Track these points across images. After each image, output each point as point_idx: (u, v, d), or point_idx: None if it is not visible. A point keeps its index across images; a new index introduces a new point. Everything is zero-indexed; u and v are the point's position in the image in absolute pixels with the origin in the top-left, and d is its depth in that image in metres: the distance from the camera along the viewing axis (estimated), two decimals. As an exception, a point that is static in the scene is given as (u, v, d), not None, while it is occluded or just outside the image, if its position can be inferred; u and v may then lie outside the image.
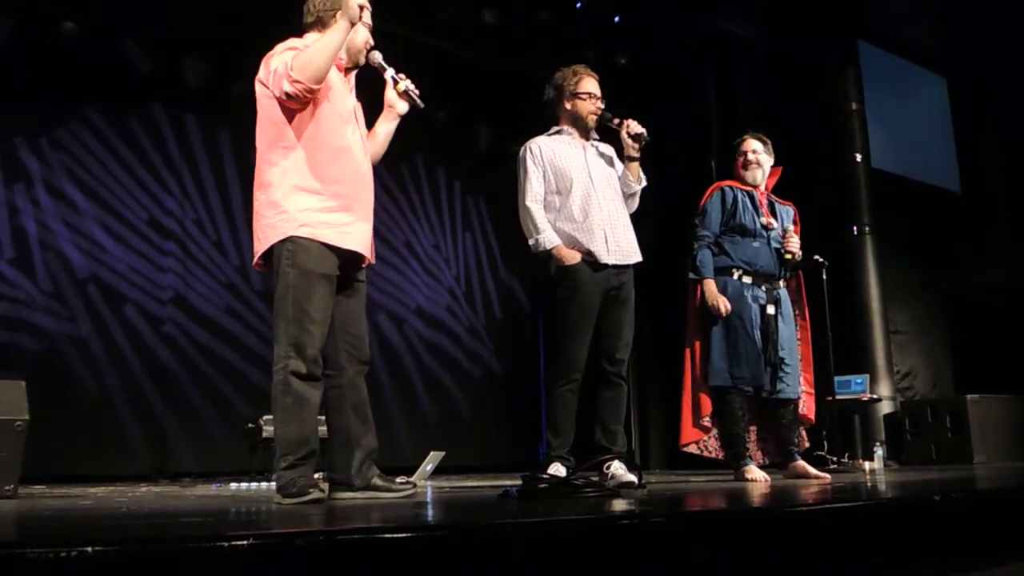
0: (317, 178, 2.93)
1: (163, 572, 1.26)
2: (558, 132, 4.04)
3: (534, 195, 3.88)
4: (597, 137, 4.10)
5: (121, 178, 6.76)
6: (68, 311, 6.38)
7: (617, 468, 3.68)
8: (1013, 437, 6.86)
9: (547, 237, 3.81)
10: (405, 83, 3.17)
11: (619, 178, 4.04)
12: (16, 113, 6.35)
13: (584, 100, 4.00)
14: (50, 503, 3.24)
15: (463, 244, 8.54)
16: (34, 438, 3.72)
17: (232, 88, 6.74)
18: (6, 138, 6.35)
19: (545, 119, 4.17)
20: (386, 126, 3.26)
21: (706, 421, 4.45)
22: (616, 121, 3.97)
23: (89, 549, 1.23)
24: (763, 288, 4.38)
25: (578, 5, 7.58)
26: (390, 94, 3.21)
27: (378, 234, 7.85)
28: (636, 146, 3.96)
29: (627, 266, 3.91)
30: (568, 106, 4.03)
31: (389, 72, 3.18)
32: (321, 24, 3.07)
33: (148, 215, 6.81)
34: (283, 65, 2.83)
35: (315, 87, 2.84)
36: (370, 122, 3.31)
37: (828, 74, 7.74)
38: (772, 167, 4.69)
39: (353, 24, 2.91)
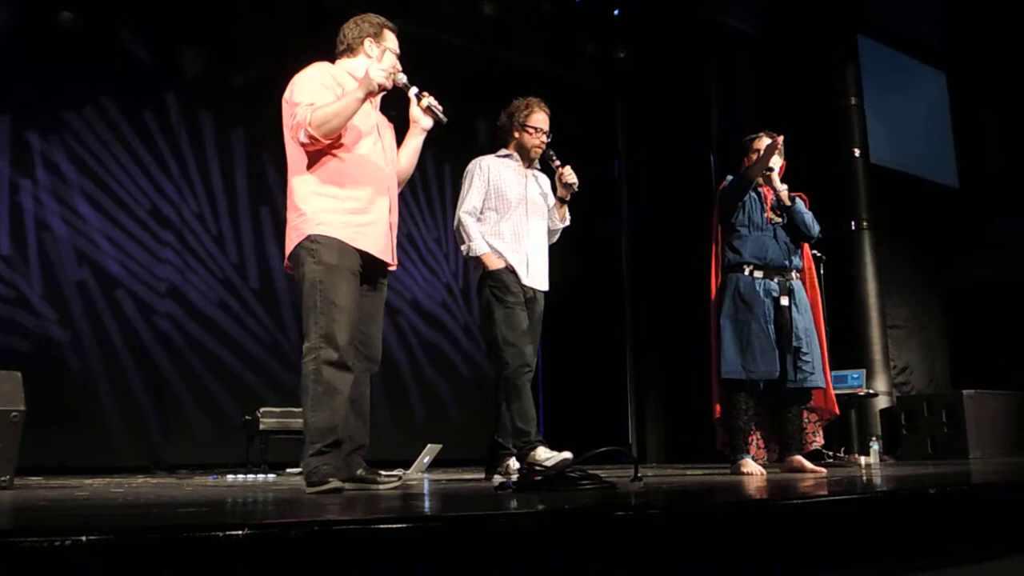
0: (335, 183, 3.09)
1: (157, 562, 1.26)
2: (507, 156, 4.33)
3: (471, 208, 4.21)
4: (539, 167, 4.38)
5: (125, 165, 6.77)
6: (65, 302, 6.39)
7: (514, 462, 4.09)
8: (1009, 432, 6.87)
9: (478, 244, 4.15)
10: (428, 100, 3.32)
11: (549, 211, 4.34)
12: (18, 100, 6.36)
13: (531, 133, 4.26)
14: (46, 494, 3.23)
15: (463, 241, 8.54)
16: (31, 429, 3.72)
17: (234, 81, 6.75)
18: (7, 124, 6.35)
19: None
20: (413, 141, 3.43)
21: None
22: (556, 163, 4.22)
23: (84, 538, 1.22)
24: (775, 280, 4.41)
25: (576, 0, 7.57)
26: (414, 111, 3.36)
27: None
28: (567, 193, 4.26)
29: (537, 291, 4.26)
30: (516, 135, 4.30)
31: (413, 90, 3.32)
32: (351, 51, 3.30)
33: (151, 205, 6.82)
34: (304, 116, 3.00)
35: (327, 142, 3.03)
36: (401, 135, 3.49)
37: (828, 69, 7.74)
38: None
39: (373, 95, 3.09)
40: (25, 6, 6.27)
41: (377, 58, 3.24)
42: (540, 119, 4.28)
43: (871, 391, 6.94)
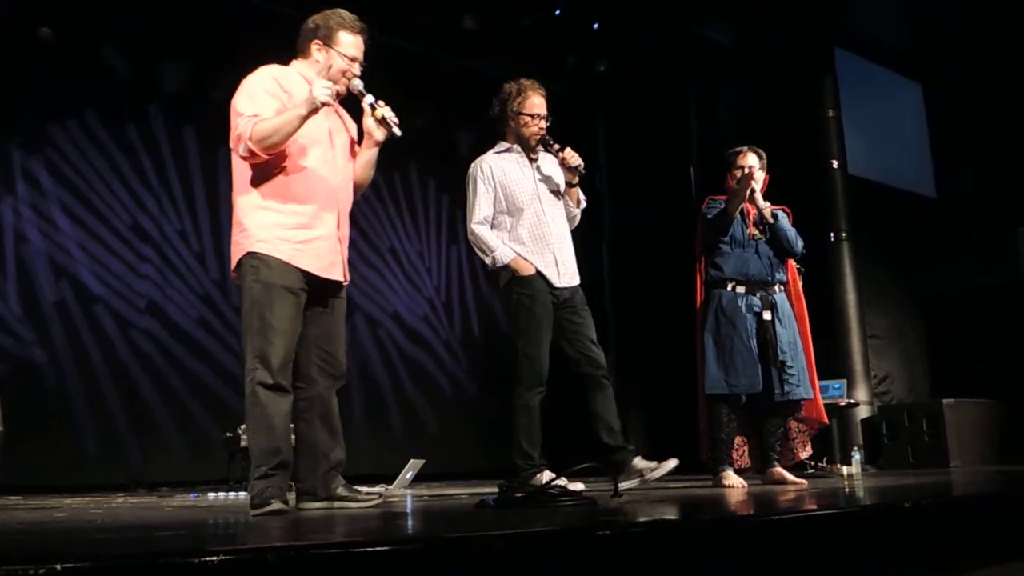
0: (278, 197, 2.99)
1: (132, 589, 1.25)
2: (507, 150, 4.05)
3: (482, 218, 3.95)
4: (543, 149, 4.09)
5: (107, 180, 6.74)
6: (42, 318, 6.33)
7: (643, 462, 3.80)
8: (988, 440, 6.92)
9: (503, 252, 3.89)
10: (383, 111, 3.16)
11: (564, 198, 4.09)
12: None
13: (528, 121, 3.98)
14: (24, 515, 3.20)
15: (447, 256, 8.52)
16: (11, 448, 3.69)
17: (218, 96, 6.72)
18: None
19: None
20: (366, 153, 3.28)
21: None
22: (556, 147, 3.98)
23: (58, 566, 1.22)
24: (757, 295, 4.43)
25: (557, 12, 7.60)
26: (368, 122, 3.20)
27: (363, 236, 7.89)
28: (574, 177, 4.01)
29: (571, 288, 4.01)
30: (512, 124, 4.02)
31: (368, 99, 3.17)
32: (302, 53, 3.19)
33: (132, 219, 6.78)
34: (245, 129, 2.90)
35: (268, 157, 2.93)
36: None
37: (806, 81, 7.80)
38: None
39: (316, 111, 2.94)
40: (3, 23, 6.23)
41: (323, 63, 3.11)
42: (536, 103, 3.99)
43: (852, 401, 6.97)
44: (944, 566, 2.20)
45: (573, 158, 3.93)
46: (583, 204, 4.16)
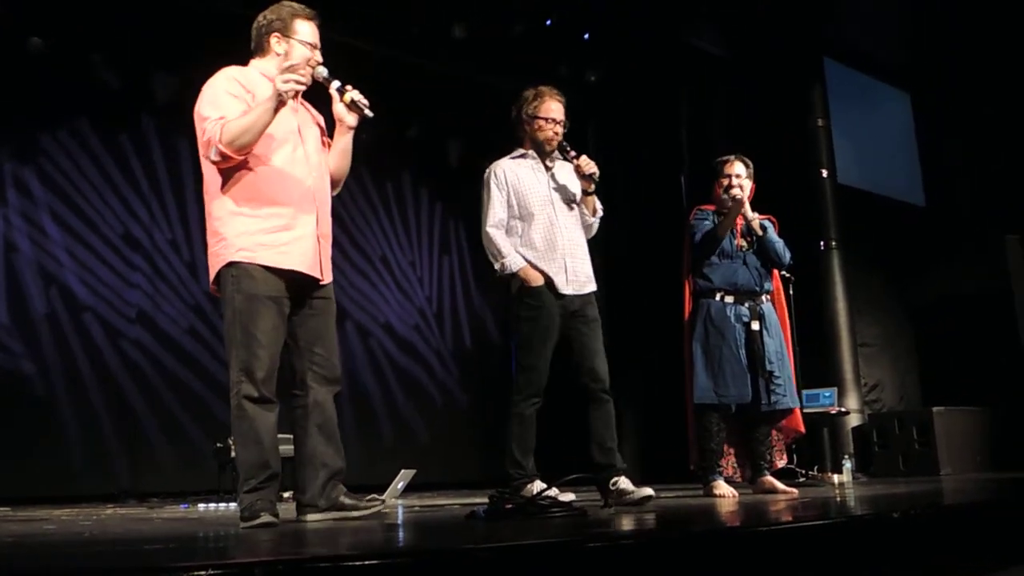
0: (254, 200, 2.91)
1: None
2: (522, 156, 4.05)
3: (496, 221, 3.93)
4: (560, 156, 4.07)
5: (99, 189, 6.72)
6: (31, 326, 6.30)
7: (624, 483, 3.74)
8: (978, 448, 6.95)
9: (513, 260, 3.87)
10: (351, 94, 3.07)
11: (578, 205, 4.08)
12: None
13: (543, 125, 3.97)
14: (12, 528, 3.18)
15: (438, 266, 8.52)
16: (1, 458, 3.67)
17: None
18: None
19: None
20: (340, 141, 3.19)
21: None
22: (572, 154, 3.97)
23: (46, 582, 1.22)
24: (746, 305, 4.45)
25: (548, 22, 7.62)
26: (338, 108, 3.10)
27: (355, 245, 7.87)
28: (589, 185, 3.99)
29: (583, 296, 3.97)
30: (528, 129, 4.01)
31: (334, 85, 3.08)
32: (260, 50, 3.11)
33: (123, 228, 6.77)
34: (214, 133, 2.83)
35: (240, 158, 2.86)
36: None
37: (795, 91, 7.84)
38: None
39: (284, 103, 2.86)
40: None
41: (284, 55, 3.02)
42: (553, 108, 3.96)
43: (843, 409, 6.99)
44: (935, 574, 2.20)
45: (588, 165, 3.92)
46: (600, 213, 4.14)
